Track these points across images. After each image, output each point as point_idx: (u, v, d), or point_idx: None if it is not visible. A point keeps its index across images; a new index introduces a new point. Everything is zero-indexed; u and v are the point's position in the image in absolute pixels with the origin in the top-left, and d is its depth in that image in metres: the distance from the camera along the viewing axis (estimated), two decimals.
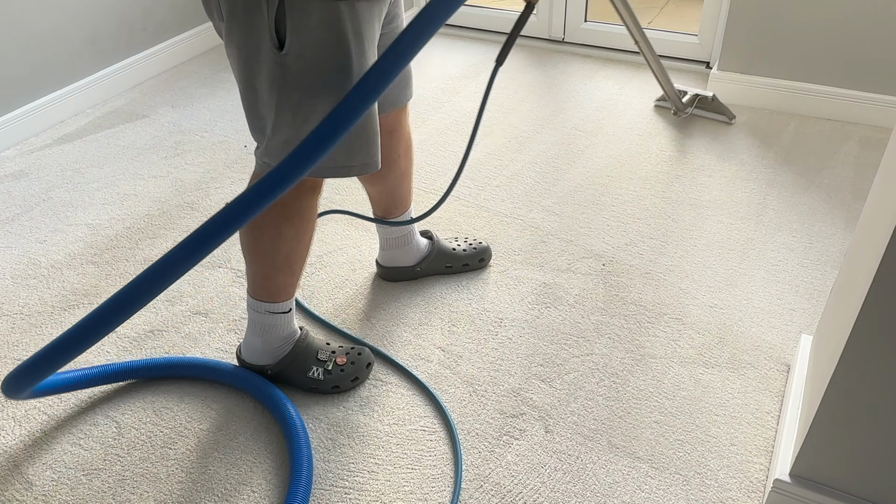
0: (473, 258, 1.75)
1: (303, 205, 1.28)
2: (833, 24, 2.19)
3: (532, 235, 1.88)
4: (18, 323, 1.66)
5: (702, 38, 2.67)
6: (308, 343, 1.45)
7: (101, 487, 1.29)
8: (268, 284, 1.36)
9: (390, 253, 1.69)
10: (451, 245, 1.76)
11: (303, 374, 1.43)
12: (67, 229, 1.97)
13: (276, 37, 1.06)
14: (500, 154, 2.24)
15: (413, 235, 1.68)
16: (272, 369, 1.43)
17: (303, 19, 1.05)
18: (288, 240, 1.30)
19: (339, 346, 1.48)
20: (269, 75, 1.10)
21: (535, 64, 2.83)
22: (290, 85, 1.10)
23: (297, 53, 1.07)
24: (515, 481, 1.28)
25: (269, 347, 1.42)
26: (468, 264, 1.75)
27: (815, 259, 1.76)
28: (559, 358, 1.52)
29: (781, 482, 1.16)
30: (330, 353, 1.45)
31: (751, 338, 1.55)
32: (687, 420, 1.38)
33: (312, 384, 1.43)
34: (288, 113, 1.13)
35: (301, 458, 1.26)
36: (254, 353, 1.43)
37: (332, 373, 1.43)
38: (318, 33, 1.07)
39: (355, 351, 1.47)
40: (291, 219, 1.28)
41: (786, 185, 2.04)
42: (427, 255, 1.71)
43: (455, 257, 1.74)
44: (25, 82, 2.37)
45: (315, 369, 1.43)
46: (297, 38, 1.06)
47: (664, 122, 2.38)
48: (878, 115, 2.27)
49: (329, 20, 1.06)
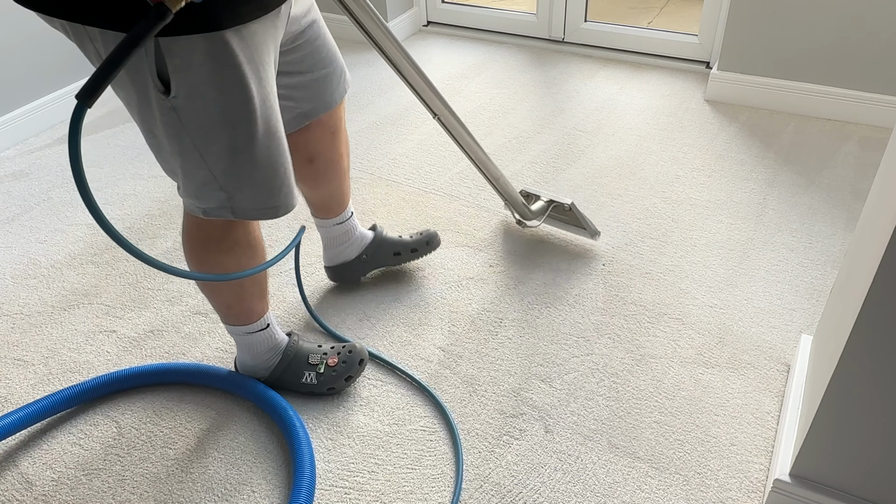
0: (421, 243, 1.73)
1: (238, 236, 1.23)
2: (833, 24, 2.19)
3: (532, 235, 1.88)
4: (18, 323, 1.66)
5: (702, 38, 2.67)
6: (298, 349, 1.44)
7: (101, 487, 1.29)
8: (232, 312, 1.35)
9: (335, 251, 1.67)
10: (395, 235, 1.75)
11: (297, 381, 1.43)
12: (67, 229, 1.97)
13: (159, 82, 0.98)
14: (500, 154, 2.24)
15: (355, 228, 1.66)
16: (267, 380, 1.44)
17: (185, 58, 0.96)
18: (233, 271, 1.24)
19: (331, 346, 1.47)
20: (162, 121, 1.02)
21: (535, 64, 2.83)
22: (189, 127, 1.02)
23: (187, 94, 0.99)
24: (515, 481, 1.28)
25: (258, 361, 1.42)
26: (416, 250, 1.72)
27: (815, 259, 1.76)
28: (559, 358, 1.52)
29: (781, 482, 1.16)
30: (321, 356, 1.44)
31: (751, 338, 1.55)
32: (687, 420, 1.38)
33: (307, 389, 1.44)
34: (194, 154, 1.07)
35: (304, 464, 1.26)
36: (246, 368, 1.44)
37: (324, 375, 1.43)
38: (207, 68, 0.98)
39: (346, 349, 1.46)
40: (230, 251, 1.23)
41: (786, 185, 2.04)
42: (370, 244, 1.68)
43: (401, 244, 1.72)
44: (25, 82, 2.37)
45: (308, 374, 1.43)
46: (184, 78, 0.98)
47: (664, 122, 2.38)
48: (878, 115, 2.27)
49: (216, 53, 0.98)
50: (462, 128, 1.50)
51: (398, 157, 2.24)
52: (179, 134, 1.03)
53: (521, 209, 1.77)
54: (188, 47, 0.95)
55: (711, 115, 2.41)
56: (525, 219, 1.80)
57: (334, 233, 1.63)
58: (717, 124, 2.36)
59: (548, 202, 1.82)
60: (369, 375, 1.49)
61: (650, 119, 2.40)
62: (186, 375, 1.47)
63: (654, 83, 2.63)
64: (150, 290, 1.74)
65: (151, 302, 1.71)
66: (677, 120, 2.39)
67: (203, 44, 0.96)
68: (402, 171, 2.16)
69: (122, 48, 0.82)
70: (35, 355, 1.57)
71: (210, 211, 1.14)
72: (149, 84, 0.98)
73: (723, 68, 2.44)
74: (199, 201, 1.14)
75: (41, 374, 1.52)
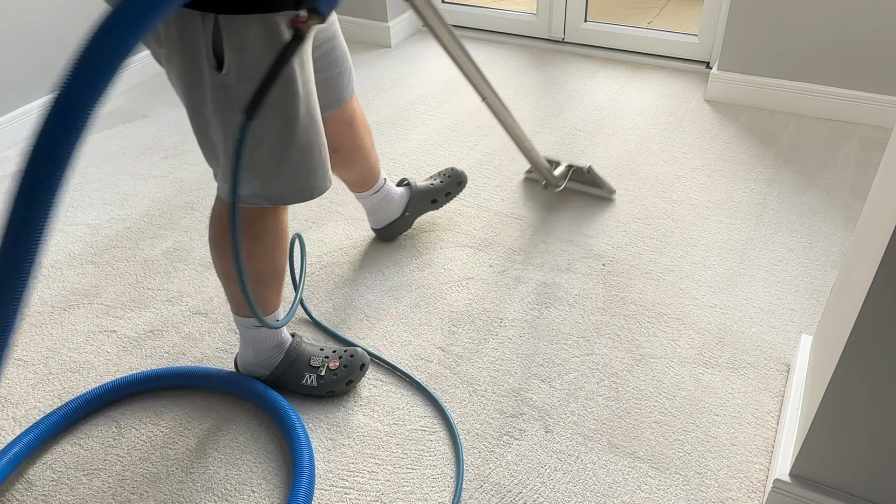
0: (452, 184, 1.88)
1: (267, 224, 1.25)
2: (833, 24, 2.19)
3: (532, 235, 1.88)
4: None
5: (702, 38, 2.67)
6: (300, 350, 1.44)
7: (101, 487, 1.29)
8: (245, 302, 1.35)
9: (379, 215, 1.81)
10: (427, 183, 1.88)
11: (297, 382, 1.43)
12: (67, 229, 1.97)
13: (213, 57, 1.02)
14: (500, 154, 2.24)
15: (390, 191, 1.78)
16: (267, 379, 1.43)
17: (241, 36, 1.01)
18: (257, 258, 1.27)
19: (333, 350, 1.47)
20: (212, 98, 1.06)
21: (535, 64, 2.83)
22: (235, 106, 1.05)
23: (238, 73, 1.03)
24: (515, 481, 1.28)
25: (260, 359, 1.42)
26: (450, 192, 1.88)
27: (815, 259, 1.76)
28: (559, 358, 1.52)
29: (781, 482, 1.16)
30: (323, 359, 1.44)
31: (751, 338, 1.55)
32: (687, 420, 1.38)
33: (307, 391, 1.43)
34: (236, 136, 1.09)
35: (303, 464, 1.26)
36: (248, 364, 1.44)
37: (325, 378, 1.42)
38: (258, 49, 1.02)
39: (348, 353, 1.46)
40: (258, 238, 1.25)
41: (786, 185, 2.04)
42: (410, 199, 1.82)
43: (435, 190, 1.86)
44: (25, 82, 2.37)
45: (308, 376, 1.43)
46: (236, 57, 1.02)
47: (664, 122, 2.38)
48: (878, 115, 2.27)
49: (268, 35, 1.02)
50: (504, 108, 1.66)
51: (398, 157, 2.24)
52: (226, 113, 1.07)
53: (548, 175, 1.96)
54: (244, 26, 1.00)
55: (711, 115, 2.41)
56: (550, 184, 1.99)
57: (373, 201, 1.76)
58: (717, 124, 2.36)
59: (568, 167, 2.02)
60: (369, 375, 1.49)
61: (650, 119, 2.40)
62: (186, 379, 1.47)
63: (654, 83, 2.63)
64: (150, 290, 1.74)
65: (151, 302, 1.71)
66: (677, 120, 2.39)
67: (258, 24, 1.01)
68: (403, 171, 2.16)
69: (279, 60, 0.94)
70: (35, 355, 1.57)
71: (245, 198, 1.18)
72: (203, 60, 1.03)
73: (723, 68, 2.44)
74: (239, 188, 1.14)
75: (41, 374, 1.52)
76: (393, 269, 1.78)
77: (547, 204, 2.00)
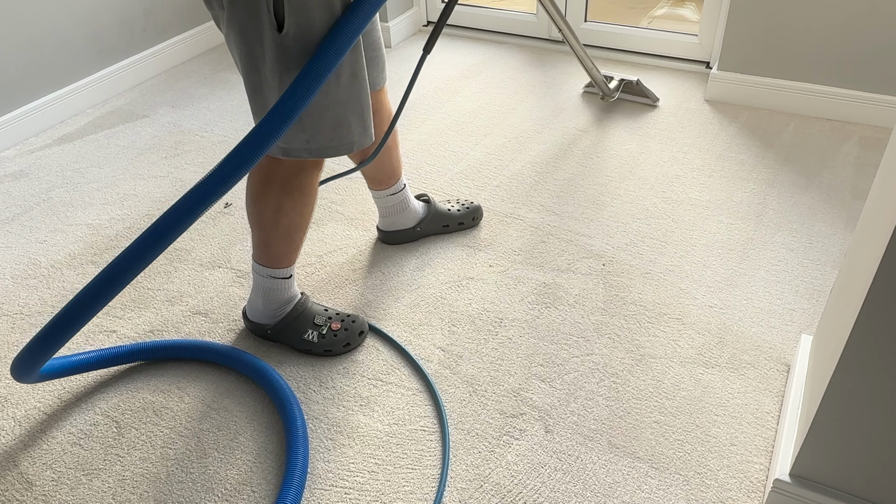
0: (467, 217, 1.89)
1: (303, 181, 1.36)
2: (833, 24, 2.19)
3: (532, 235, 1.88)
4: (18, 323, 1.66)
5: (702, 38, 2.67)
6: (306, 308, 1.53)
7: (101, 487, 1.29)
8: (269, 251, 1.45)
9: (390, 219, 1.82)
10: (445, 207, 1.89)
11: (299, 337, 1.52)
12: (67, 229, 1.97)
13: (274, 19, 1.10)
14: (500, 154, 2.24)
15: (409, 201, 1.80)
16: (271, 329, 1.52)
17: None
18: (287, 212, 1.39)
19: (336, 313, 1.56)
20: (271, 56, 1.14)
21: (535, 64, 2.83)
22: (291, 64, 1.14)
23: (296, 34, 1.11)
24: (515, 481, 1.28)
25: (269, 309, 1.51)
26: (462, 223, 1.89)
27: (815, 259, 1.76)
28: (559, 358, 1.52)
29: (781, 482, 1.16)
30: (326, 319, 1.53)
31: (751, 338, 1.55)
32: (687, 420, 1.38)
33: (306, 346, 1.52)
34: None
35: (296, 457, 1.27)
36: (256, 312, 1.53)
37: (325, 337, 1.51)
38: (315, 13, 1.10)
39: (350, 319, 1.55)
40: (291, 193, 1.36)
41: (786, 185, 2.04)
42: (425, 217, 1.83)
43: (450, 217, 1.87)
44: (25, 82, 2.37)
45: (310, 332, 1.51)
46: (295, 19, 1.10)
47: (664, 122, 2.38)
48: (878, 115, 2.27)
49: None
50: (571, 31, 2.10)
51: None
52: (282, 71, 1.15)
53: (603, 86, 2.30)
54: None
55: (711, 115, 2.41)
56: (606, 94, 2.38)
57: (388, 202, 1.77)
58: (717, 124, 2.36)
59: (620, 81, 2.43)
60: (369, 375, 1.49)
61: (650, 119, 2.40)
62: (196, 352, 1.51)
63: (654, 83, 2.63)
64: (150, 290, 1.74)
65: (151, 302, 1.71)
66: (677, 120, 2.39)
67: None
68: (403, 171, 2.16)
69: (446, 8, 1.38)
70: None
71: (290, 151, 1.27)
72: (264, 21, 1.10)
73: (723, 68, 2.44)
74: (282, 142, 1.25)
75: None
76: (393, 269, 1.78)
77: (547, 206, 2.00)
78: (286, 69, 1.15)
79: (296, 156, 1.28)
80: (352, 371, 1.50)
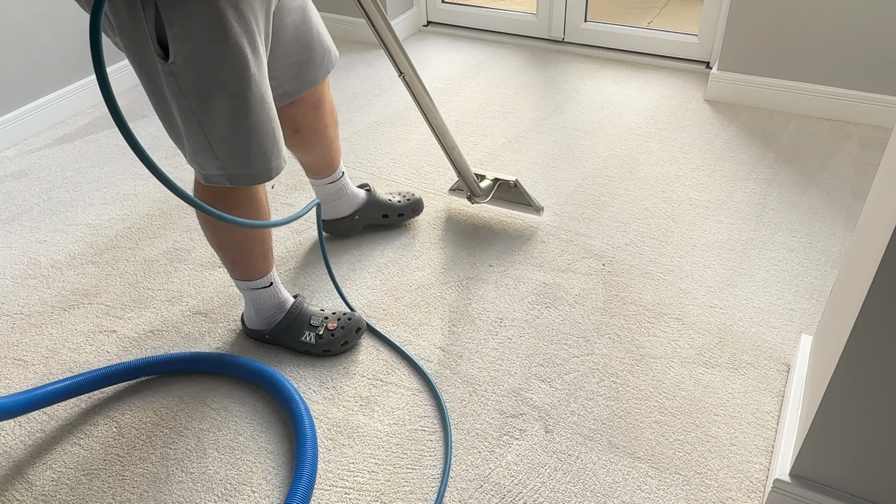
0: (407, 209, 1.88)
1: (241, 196, 1.31)
2: (833, 24, 2.19)
3: (532, 235, 1.88)
4: (18, 323, 1.66)
5: (702, 38, 2.67)
6: (302, 310, 1.54)
7: (101, 487, 1.29)
8: (237, 266, 1.45)
9: (328, 206, 1.80)
10: (387, 197, 1.88)
11: (296, 339, 1.52)
12: (67, 229, 1.97)
13: (159, 47, 1.04)
14: (501, 154, 2.24)
15: (346, 189, 1.79)
16: (269, 334, 1.53)
17: (183, 26, 1.01)
18: (237, 229, 1.36)
19: (332, 312, 1.56)
20: (166, 85, 1.09)
21: (535, 64, 2.83)
22: (187, 92, 1.08)
23: (185, 60, 1.05)
24: (515, 481, 1.28)
25: (262, 316, 1.52)
26: (403, 214, 1.88)
27: (815, 259, 1.76)
28: (559, 358, 1.52)
29: (781, 482, 1.16)
30: (322, 319, 1.53)
31: (751, 338, 1.55)
32: (687, 420, 1.38)
33: (304, 347, 1.52)
34: (192, 119, 1.13)
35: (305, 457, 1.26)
36: (251, 320, 1.55)
37: (322, 337, 1.52)
38: (204, 37, 1.03)
39: (346, 317, 1.55)
40: (233, 210, 1.31)
41: (786, 185, 2.04)
42: (363, 205, 1.83)
43: (390, 207, 1.87)
44: (25, 82, 2.37)
45: (307, 334, 1.52)
46: (182, 46, 1.03)
47: (664, 122, 2.38)
48: (878, 115, 2.27)
49: (213, 22, 1.02)
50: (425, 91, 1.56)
51: (398, 157, 2.24)
52: (179, 98, 1.10)
53: (473, 185, 1.82)
54: (186, 15, 1.00)
55: (711, 115, 2.41)
56: (475, 195, 1.85)
57: (326, 191, 1.76)
58: (717, 124, 2.36)
59: (494, 180, 1.89)
60: (369, 375, 1.49)
61: (650, 119, 2.40)
62: (204, 364, 1.50)
63: (654, 83, 2.63)
64: (150, 290, 1.74)
65: (151, 302, 1.71)
66: (677, 120, 2.39)
67: (200, 12, 1.00)
68: (402, 171, 2.16)
69: None
70: (35, 355, 1.57)
71: (210, 178, 1.24)
72: (150, 49, 1.04)
73: (723, 68, 2.44)
74: (200, 167, 1.22)
75: (41, 374, 1.52)
76: (393, 269, 1.78)
77: (547, 206, 2.00)
78: (183, 97, 1.09)
79: (216, 182, 1.24)
80: (352, 371, 1.50)
